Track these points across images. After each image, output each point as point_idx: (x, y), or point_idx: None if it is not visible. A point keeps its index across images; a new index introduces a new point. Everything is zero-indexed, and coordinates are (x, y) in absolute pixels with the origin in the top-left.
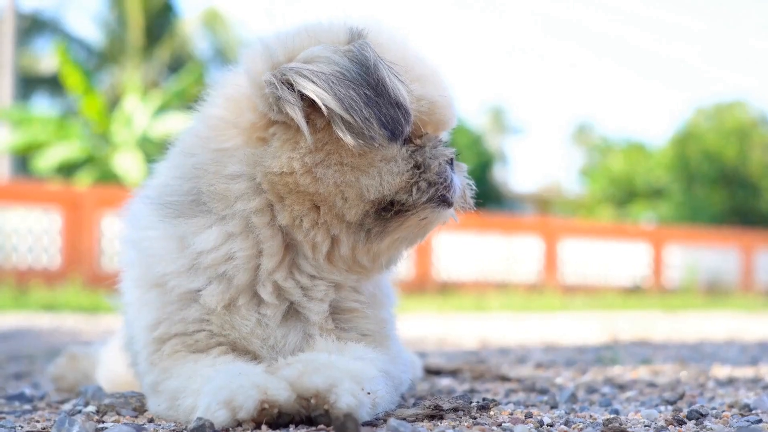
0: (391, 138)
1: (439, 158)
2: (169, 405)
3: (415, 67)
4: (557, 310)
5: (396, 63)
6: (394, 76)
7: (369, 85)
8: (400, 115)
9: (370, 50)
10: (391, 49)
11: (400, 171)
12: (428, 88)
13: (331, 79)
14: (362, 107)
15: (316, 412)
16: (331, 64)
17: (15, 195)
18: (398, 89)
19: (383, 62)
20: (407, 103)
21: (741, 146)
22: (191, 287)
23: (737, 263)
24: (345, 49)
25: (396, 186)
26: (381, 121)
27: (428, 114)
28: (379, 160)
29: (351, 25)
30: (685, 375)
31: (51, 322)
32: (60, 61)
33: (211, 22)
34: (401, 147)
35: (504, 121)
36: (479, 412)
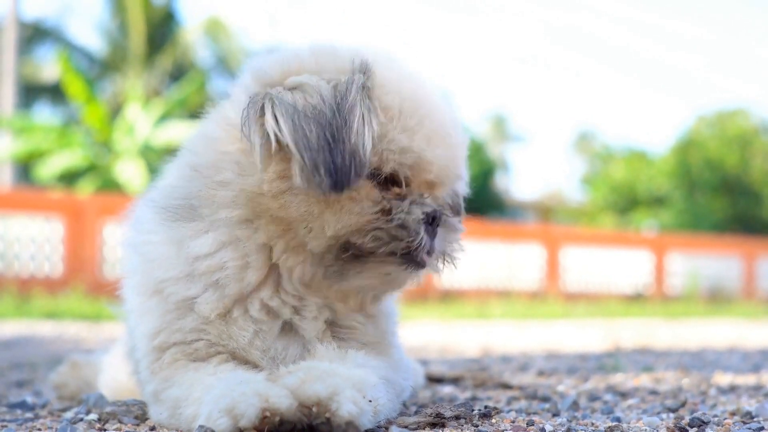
0: (333, 188)
1: (414, 214)
2: (170, 414)
3: (417, 115)
4: (559, 317)
5: (390, 107)
6: (367, 123)
7: (332, 127)
8: (352, 165)
9: (356, 89)
10: (395, 91)
11: (362, 212)
12: (418, 141)
13: (300, 114)
14: (315, 149)
15: (317, 420)
16: (309, 96)
17: (17, 203)
18: (362, 137)
19: (365, 104)
20: (363, 154)
21: (743, 154)
22: (188, 294)
23: (739, 271)
24: (333, 83)
25: (352, 227)
26: (328, 168)
27: (414, 169)
28: (347, 197)
29: (361, 55)
30: (687, 382)
31: (53, 330)
32: (62, 70)
33: (213, 31)
34: (376, 189)
35: (506, 129)
36: (481, 419)
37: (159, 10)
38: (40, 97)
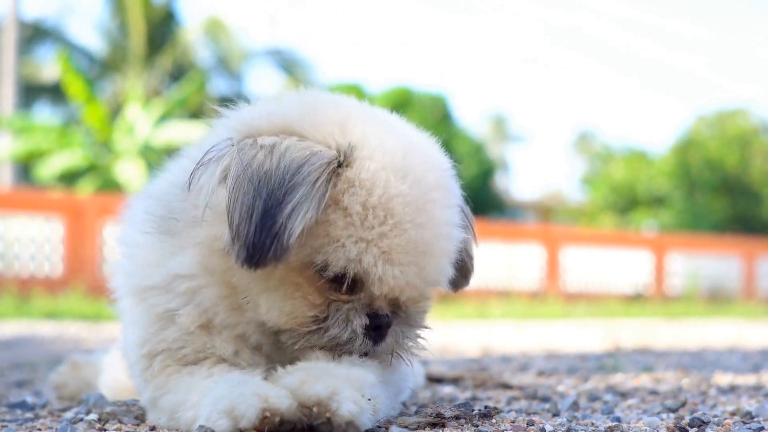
0: (247, 262)
1: (350, 327)
2: (169, 418)
3: (378, 228)
4: (559, 317)
5: (350, 211)
6: (302, 212)
7: (267, 202)
8: (271, 248)
9: (316, 173)
10: (364, 193)
11: (295, 312)
12: (369, 257)
13: (247, 176)
14: (243, 217)
15: (318, 420)
16: (269, 160)
17: (17, 203)
18: (291, 223)
19: (314, 192)
20: (286, 241)
21: (742, 154)
22: (169, 307)
23: (739, 271)
24: (300, 154)
25: (284, 324)
26: (246, 241)
27: (361, 277)
28: (290, 288)
29: (352, 135)
30: (687, 382)
31: (53, 330)
32: (62, 70)
33: (213, 31)
34: (322, 286)
35: (506, 129)
36: (481, 419)
37: (159, 10)
38: (40, 97)
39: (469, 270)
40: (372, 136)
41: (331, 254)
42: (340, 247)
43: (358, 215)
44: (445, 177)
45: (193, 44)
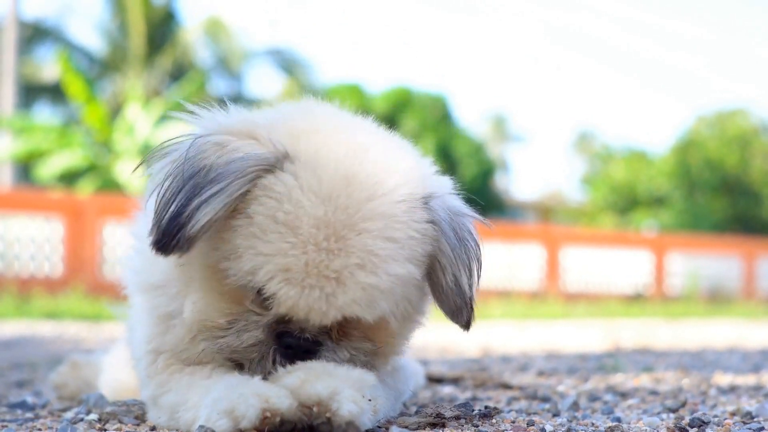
0: (155, 246)
1: (247, 333)
2: (168, 418)
3: (273, 244)
4: (559, 317)
5: (252, 221)
6: (206, 206)
7: (192, 191)
8: (177, 235)
9: (241, 173)
10: (272, 206)
11: (209, 318)
12: (264, 272)
13: (186, 168)
14: (162, 203)
15: (318, 420)
16: (211, 156)
17: (17, 203)
18: (197, 213)
19: (230, 189)
20: (189, 230)
21: (742, 154)
22: (169, 309)
23: (739, 271)
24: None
25: (202, 324)
26: (158, 225)
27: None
28: (217, 290)
29: (287, 145)
30: (687, 383)
31: (53, 330)
32: (62, 70)
33: (213, 31)
34: (247, 297)
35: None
36: (481, 420)
37: (159, 10)
38: (40, 97)
39: (458, 308)
40: (313, 151)
41: (232, 263)
42: (238, 257)
43: (259, 226)
44: (397, 210)
45: (193, 44)
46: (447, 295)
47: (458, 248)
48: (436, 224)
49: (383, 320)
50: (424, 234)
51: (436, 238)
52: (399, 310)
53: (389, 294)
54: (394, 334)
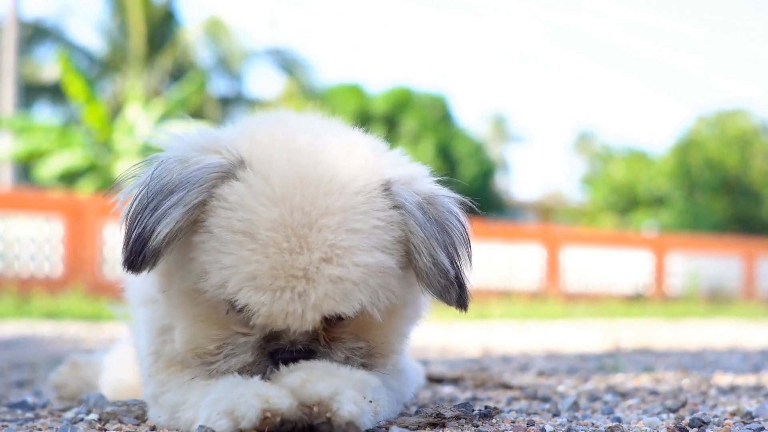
0: (125, 264)
1: (236, 357)
2: (168, 417)
3: (235, 254)
4: (559, 317)
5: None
6: (165, 219)
7: (153, 206)
8: (142, 252)
9: (198, 182)
10: (227, 216)
11: (198, 342)
12: (233, 283)
13: (150, 186)
14: (129, 218)
15: (318, 420)
16: (174, 171)
17: (17, 203)
18: (157, 229)
19: (185, 195)
20: (152, 244)
21: (742, 154)
22: (164, 324)
23: (739, 271)
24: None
25: (194, 352)
26: (126, 243)
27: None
28: (202, 315)
29: (244, 154)
30: (687, 383)
31: (53, 330)
32: (62, 70)
33: (213, 31)
34: (229, 316)
35: (506, 129)
36: (481, 420)
37: (159, 9)
38: (40, 97)
39: (443, 287)
40: (267, 157)
41: (203, 282)
42: (206, 273)
43: (219, 239)
44: (355, 202)
45: (193, 44)
46: (429, 276)
47: (430, 228)
48: (400, 208)
49: (367, 315)
50: (389, 221)
51: (403, 222)
52: (381, 302)
53: (363, 285)
54: (386, 331)
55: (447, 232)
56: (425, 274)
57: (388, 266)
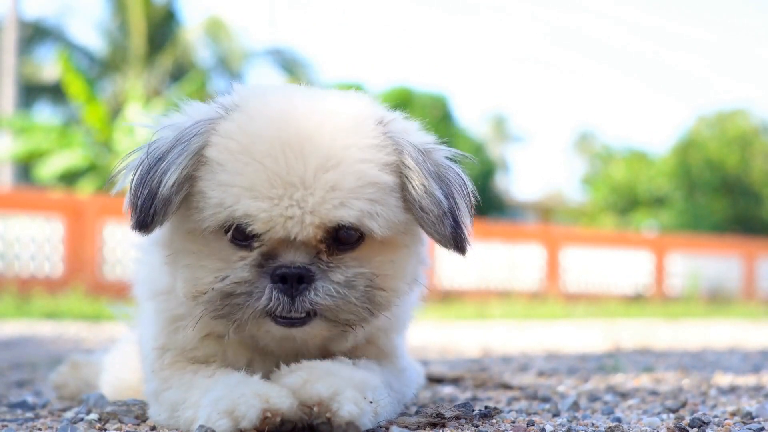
0: (138, 227)
1: (233, 275)
2: (168, 416)
3: (234, 168)
4: (559, 318)
5: (211, 162)
6: (168, 169)
7: (149, 168)
8: (151, 207)
9: (196, 131)
10: (223, 144)
11: (199, 278)
12: (231, 197)
13: (153, 151)
14: (134, 184)
15: (318, 420)
16: (174, 135)
17: (17, 203)
18: (165, 178)
19: (178, 150)
20: (162, 198)
21: (743, 154)
22: (176, 313)
23: (739, 271)
24: (184, 126)
25: (198, 290)
26: (135, 206)
27: (247, 224)
28: (203, 255)
29: (232, 99)
30: (688, 383)
31: (53, 330)
32: (62, 69)
33: (214, 31)
34: (229, 248)
35: (506, 129)
36: (481, 420)
37: (159, 9)
38: (41, 96)
39: (437, 218)
40: (260, 99)
41: (203, 209)
42: (207, 198)
43: (218, 163)
44: (349, 123)
45: (194, 44)
46: (421, 205)
47: (422, 161)
48: (394, 138)
49: (369, 243)
50: (382, 144)
51: (398, 150)
52: (380, 217)
53: (359, 193)
54: (389, 260)
55: (444, 181)
56: (417, 203)
57: (383, 181)
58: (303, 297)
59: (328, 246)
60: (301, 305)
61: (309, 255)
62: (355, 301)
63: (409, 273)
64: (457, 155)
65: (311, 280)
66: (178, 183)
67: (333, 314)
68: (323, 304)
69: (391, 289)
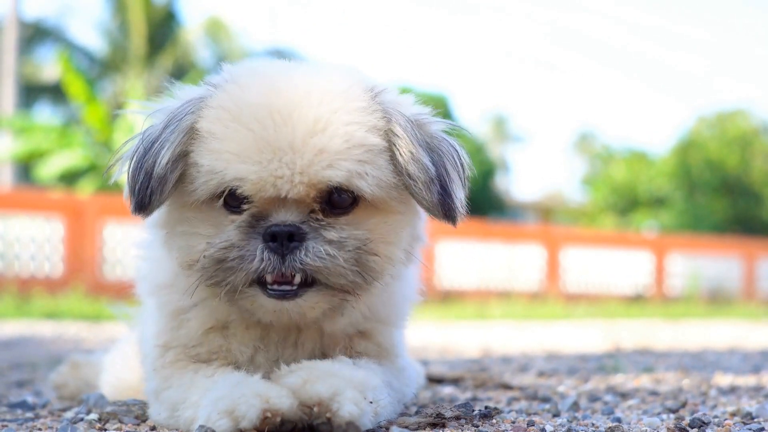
0: (137, 209)
1: (230, 240)
2: (169, 415)
3: (222, 136)
4: (559, 318)
5: (201, 131)
6: (162, 147)
7: (145, 152)
8: (150, 185)
9: (187, 108)
10: (213, 115)
11: (192, 246)
12: (222, 162)
13: (142, 136)
14: (131, 169)
15: (318, 420)
16: (156, 123)
17: (17, 203)
18: (156, 158)
19: (170, 128)
20: (158, 176)
21: (743, 155)
22: (179, 305)
23: (739, 271)
24: (176, 107)
25: (190, 258)
26: (132, 189)
27: (239, 188)
28: (185, 219)
29: (222, 76)
30: (688, 383)
31: (53, 330)
32: (62, 70)
33: (214, 31)
34: (221, 214)
35: (506, 129)
36: (481, 420)
37: (160, 9)
38: (41, 97)
39: (424, 183)
40: (250, 71)
41: (196, 178)
42: (199, 167)
43: (209, 132)
44: (337, 88)
45: (194, 44)
46: (410, 174)
47: (411, 128)
48: (383, 106)
49: (362, 208)
50: (371, 109)
51: (386, 118)
52: (369, 177)
53: (348, 154)
54: (381, 224)
55: (435, 151)
56: (405, 170)
57: (371, 142)
58: (293, 256)
59: (322, 209)
60: (291, 264)
61: (301, 214)
62: (345, 263)
63: (403, 240)
64: (453, 127)
65: (303, 239)
66: (173, 160)
67: (324, 277)
68: (313, 265)
69: (384, 255)
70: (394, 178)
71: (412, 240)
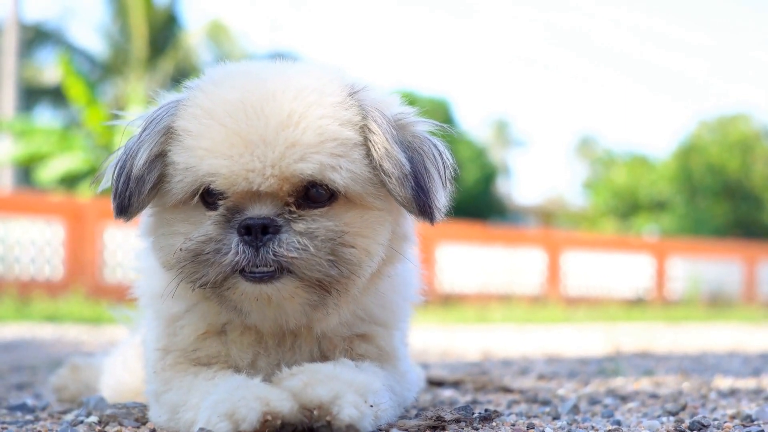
0: (118, 212)
1: (204, 234)
2: (169, 417)
3: (196, 133)
4: (560, 321)
5: (177, 131)
6: (139, 149)
7: (126, 157)
8: (128, 190)
9: (163, 112)
10: (190, 114)
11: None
12: (194, 158)
13: (123, 150)
14: (114, 175)
15: (318, 423)
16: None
17: (18, 206)
18: (134, 161)
19: (149, 130)
20: (136, 179)
21: (744, 159)
22: (173, 312)
23: (740, 275)
24: (155, 110)
25: (174, 257)
26: (114, 192)
27: (214, 183)
28: (165, 221)
29: (202, 79)
30: (688, 386)
31: (53, 333)
32: (63, 73)
33: (215, 35)
34: (200, 213)
35: (507, 133)
36: (481, 423)
37: (161, 13)
38: (41, 100)
39: (398, 180)
40: (227, 70)
41: (173, 176)
42: (176, 165)
43: (184, 130)
44: (311, 83)
45: (195, 47)
46: (384, 169)
47: (386, 125)
48: (360, 102)
49: (340, 203)
50: (346, 105)
51: (362, 115)
52: (343, 171)
53: (320, 148)
54: (357, 217)
55: (415, 150)
56: (379, 165)
57: (345, 136)
58: (267, 248)
59: (299, 204)
60: (265, 256)
61: (276, 207)
62: (318, 252)
63: (380, 236)
64: (436, 127)
65: (276, 231)
66: (150, 161)
67: (298, 269)
68: (287, 255)
69: (360, 247)
70: (370, 173)
71: (397, 238)
